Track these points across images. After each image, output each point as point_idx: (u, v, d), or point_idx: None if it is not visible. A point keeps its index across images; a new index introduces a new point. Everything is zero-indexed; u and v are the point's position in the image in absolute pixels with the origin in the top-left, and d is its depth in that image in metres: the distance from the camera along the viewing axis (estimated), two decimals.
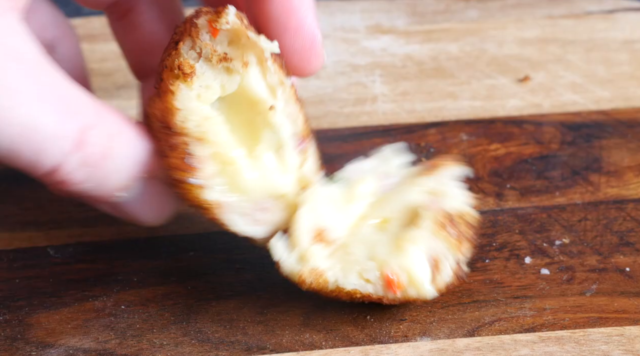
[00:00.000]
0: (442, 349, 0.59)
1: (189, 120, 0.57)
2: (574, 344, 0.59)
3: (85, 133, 0.56)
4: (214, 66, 0.58)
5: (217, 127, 0.58)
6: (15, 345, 0.61)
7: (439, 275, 0.60)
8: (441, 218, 0.61)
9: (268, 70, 0.60)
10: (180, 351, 0.60)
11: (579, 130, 0.78)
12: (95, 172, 0.56)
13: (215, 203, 0.59)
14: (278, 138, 0.60)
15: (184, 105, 0.57)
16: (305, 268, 0.59)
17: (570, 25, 0.93)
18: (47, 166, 0.55)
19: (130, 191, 0.58)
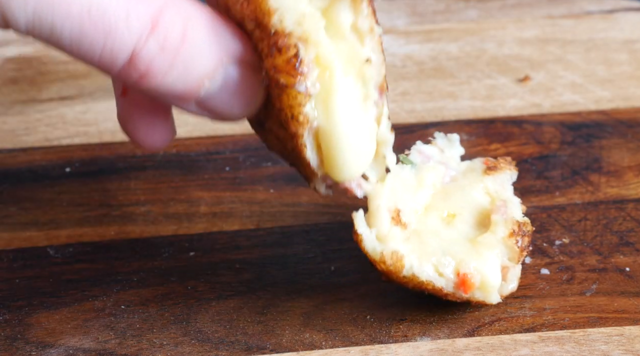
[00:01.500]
0: (442, 349, 0.59)
1: (287, 18, 0.54)
2: (574, 344, 0.59)
3: (160, 14, 0.52)
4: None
5: (318, 24, 0.55)
6: (15, 345, 0.61)
7: (505, 283, 0.61)
8: (512, 226, 0.62)
9: (361, 12, 0.57)
10: (180, 351, 0.60)
11: (579, 130, 0.78)
12: (176, 58, 0.53)
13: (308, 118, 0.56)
14: (366, 91, 0.58)
15: (278, 4, 0.54)
16: (387, 249, 0.59)
17: (570, 25, 0.93)
18: (124, 52, 0.51)
19: (216, 80, 0.55)
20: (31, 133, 0.80)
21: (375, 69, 0.58)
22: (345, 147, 0.57)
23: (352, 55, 0.57)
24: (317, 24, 0.56)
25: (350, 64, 0.57)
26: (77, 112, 0.83)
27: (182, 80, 0.54)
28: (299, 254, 0.66)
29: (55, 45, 0.52)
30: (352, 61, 0.57)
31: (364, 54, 0.57)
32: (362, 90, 0.58)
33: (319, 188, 0.59)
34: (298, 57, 0.54)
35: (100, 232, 0.69)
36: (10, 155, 0.77)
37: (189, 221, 0.70)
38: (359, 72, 0.57)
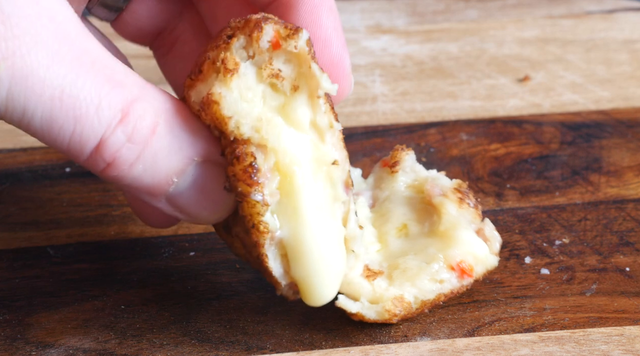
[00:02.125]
0: (442, 349, 0.59)
1: (243, 125, 0.54)
2: (574, 344, 0.59)
3: (131, 105, 0.52)
4: (260, 76, 0.55)
5: (276, 129, 0.55)
6: (15, 344, 0.61)
7: (490, 242, 0.62)
8: (456, 195, 0.62)
9: (318, 109, 0.57)
10: (180, 351, 0.60)
11: (579, 130, 0.78)
12: (144, 151, 0.52)
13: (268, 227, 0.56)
14: (334, 192, 0.57)
15: (231, 110, 0.54)
16: (388, 304, 0.59)
17: (570, 25, 0.93)
18: (92, 140, 0.51)
19: (184, 178, 0.55)
20: None
21: (340, 168, 0.57)
22: (316, 267, 0.57)
23: (316, 156, 0.57)
24: (275, 129, 0.55)
25: (316, 166, 0.57)
26: None
27: (149, 174, 0.53)
28: None
29: (26, 129, 0.52)
30: (318, 163, 0.57)
31: (330, 156, 0.57)
32: (330, 192, 0.57)
33: (287, 295, 0.59)
34: (254, 166, 0.54)
35: (100, 232, 0.69)
36: (10, 155, 0.77)
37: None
38: (326, 174, 0.57)
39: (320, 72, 0.56)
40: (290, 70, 0.56)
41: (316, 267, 0.57)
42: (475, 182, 0.73)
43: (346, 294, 0.60)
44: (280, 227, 0.56)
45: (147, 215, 0.62)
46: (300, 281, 0.58)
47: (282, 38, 0.55)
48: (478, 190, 0.72)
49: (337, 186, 0.58)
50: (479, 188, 0.72)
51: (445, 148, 0.77)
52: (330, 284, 0.58)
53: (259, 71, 0.55)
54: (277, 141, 0.55)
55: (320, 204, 0.57)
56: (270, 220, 0.56)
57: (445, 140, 0.78)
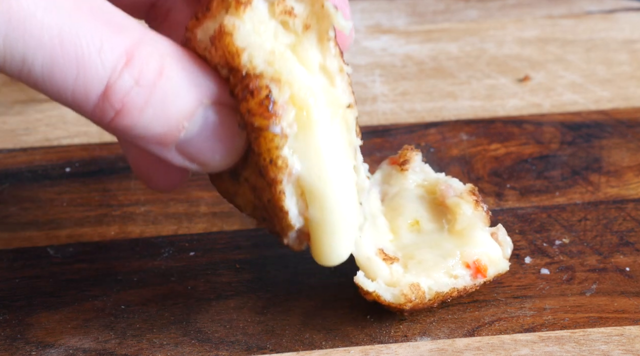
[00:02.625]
0: (442, 349, 0.59)
1: (256, 57, 0.53)
2: (573, 344, 0.59)
3: (136, 48, 0.51)
4: (273, 12, 0.54)
5: (289, 63, 0.54)
6: (15, 344, 0.61)
7: (503, 247, 0.62)
8: (471, 198, 0.63)
9: (328, 51, 0.56)
10: (180, 351, 0.60)
11: (579, 130, 0.78)
12: (153, 94, 0.51)
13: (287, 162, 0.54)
14: (350, 137, 0.56)
15: (245, 42, 0.53)
16: (405, 288, 0.59)
17: (570, 25, 0.93)
18: (97, 85, 0.50)
19: (195, 121, 0.53)
20: (31, 133, 0.80)
21: (354, 111, 0.56)
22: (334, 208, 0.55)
23: (330, 97, 0.56)
24: (288, 63, 0.54)
25: (331, 108, 0.56)
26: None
27: (159, 119, 0.52)
28: (299, 254, 0.66)
29: (27, 79, 0.50)
30: (332, 104, 0.56)
31: (343, 99, 0.56)
32: (346, 136, 0.56)
33: (294, 245, 0.57)
34: (270, 98, 0.53)
35: (100, 232, 0.69)
36: (10, 155, 0.77)
37: (189, 221, 0.70)
38: (342, 117, 0.56)
39: (334, 9, 0.55)
40: (303, 8, 0.55)
41: (334, 207, 0.55)
42: (475, 182, 0.73)
43: (364, 271, 0.59)
44: (298, 163, 0.55)
45: (152, 176, 0.60)
46: (315, 225, 0.56)
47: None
48: (478, 190, 0.72)
49: (351, 130, 0.56)
50: (479, 188, 0.72)
51: (445, 148, 0.77)
52: (344, 236, 0.56)
53: (271, 7, 0.54)
54: (291, 74, 0.54)
55: (338, 144, 0.56)
56: (289, 155, 0.54)
57: (445, 140, 0.78)
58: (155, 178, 0.60)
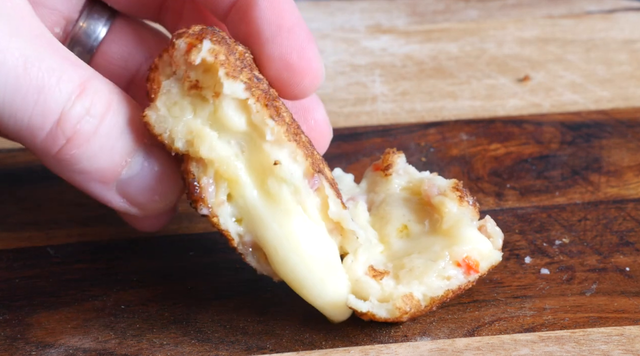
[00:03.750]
0: (442, 349, 0.59)
1: (176, 140, 0.56)
2: (573, 344, 0.59)
3: (88, 82, 0.54)
4: (183, 90, 0.57)
5: (207, 140, 0.56)
6: (15, 344, 0.61)
7: (493, 239, 0.62)
8: (455, 194, 0.62)
9: (250, 110, 0.57)
10: (180, 351, 0.60)
11: (579, 130, 0.78)
12: (101, 125, 0.55)
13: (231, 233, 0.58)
14: (294, 187, 0.58)
15: (161, 128, 0.56)
16: (398, 302, 0.59)
17: (570, 25, 0.93)
18: (54, 111, 0.53)
19: (135, 160, 0.56)
20: None
21: (290, 162, 0.57)
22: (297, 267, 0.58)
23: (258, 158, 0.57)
24: (205, 140, 0.56)
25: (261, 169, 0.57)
26: None
27: (105, 152, 0.55)
28: None
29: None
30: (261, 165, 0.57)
31: (271, 157, 0.57)
32: (287, 189, 0.57)
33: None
34: (193, 183, 0.56)
35: (100, 232, 0.69)
36: (10, 155, 0.77)
37: (189, 221, 0.70)
38: (275, 175, 0.57)
39: (224, 77, 0.56)
40: (209, 79, 0.57)
41: (297, 266, 0.58)
42: (475, 182, 0.73)
43: (354, 293, 0.60)
44: (247, 232, 0.58)
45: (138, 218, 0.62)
46: (289, 282, 0.58)
47: (190, 50, 0.56)
48: (478, 190, 0.72)
49: (293, 182, 0.57)
50: (479, 188, 0.72)
51: (445, 148, 0.77)
52: (322, 281, 0.58)
53: (181, 85, 0.57)
54: (210, 151, 0.56)
55: (281, 201, 0.57)
56: (233, 227, 0.58)
57: (445, 140, 0.78)
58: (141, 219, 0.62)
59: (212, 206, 0.57)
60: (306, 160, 0.58)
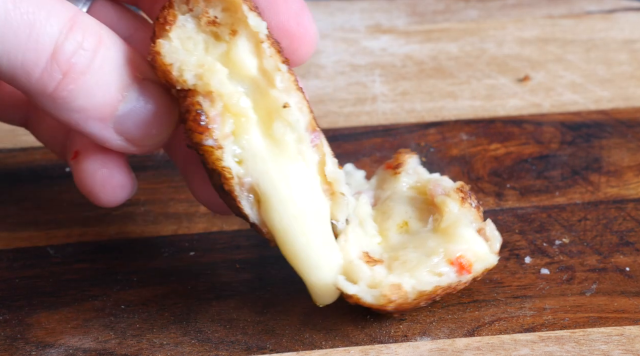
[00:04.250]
0: (442, 349, 0.59)
1: (185, 71, 0.56)
2: (573, 344, 0.59)
3: (77, 17, 0.54)
4: (201, 26, 0.57)
5: (217, 74, 0.56)
6: (15, 344, 0.61)
7: (490, 242, 0.62)
8: (458, 195, 0.63)
9: (264, 53, 0.58)
10: (180, 351, 0.60)
11: (579, 130, 0.78)
12: (95, 59, 0.55)
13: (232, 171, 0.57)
14: (297, 134, 0.58)
15: (172, 58, 0.56)
16: (385, 289, 0.59)
17: (570, 25, 0.93)
18: (47, 45, 0.53)
19: (130, 94, 0.56)
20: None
21: (296, 110, 0.58)
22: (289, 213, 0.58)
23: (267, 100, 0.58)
24: (218, 74, 0.56)
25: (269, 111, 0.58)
26: None
27: (101, 86, 0.55)
28: None
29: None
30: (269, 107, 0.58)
31: (280, 100, 0.57)
32: (292, 136, 0.58)
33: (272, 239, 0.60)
34: (200, 113, 0.56)
35: (100, 232, 0.69)
36: (10, 155, 0.77)
37: (189, 221, 0.70)
38: (283, 118, 0.57)
39: (248, 11, 0.57)
40: (228, 17, 0.57)
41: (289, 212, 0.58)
42: (475, 182, 0.73)
43: (346, 276, 0.60)
44: (247, 174, 0.57)
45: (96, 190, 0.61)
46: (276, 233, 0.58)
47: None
48: (478, 190, 0.72)
49: (298, 129, 0.58)
50: (479, 188, 0.72)
51: (445, 148, 0.77)
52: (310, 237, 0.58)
53: (197, 21, 0.57)
54: (222, 85, 0.56)
55: (284, 146, 0.58)
56: (234, 166, 0.57)
57: (445, 140, 0.78)
58: (98, 191, 0.61)
59: (218, 138, 0.56)
60: (310, 113, 0.59)
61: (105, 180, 0.60)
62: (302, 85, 0.59)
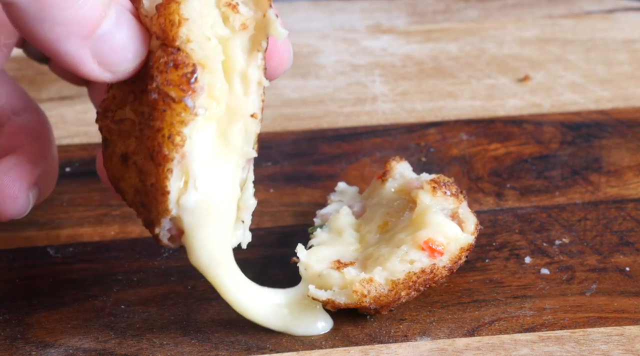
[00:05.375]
0: (442, 349, 0.59)
1: (193, 33, 0.54)
2: (573, 344, 0.59)
3: None
4: (218, 2, 0.56)
5: (217, 54, 0.56)
6: (15, 344, 0.61)
7: (465, 224, 0.62)
8: (429, 185, 0.63)
9: (254, 61, 0.57)
10: (180, 351, 0.60)
11: (579, 130, 0.78)
12: None
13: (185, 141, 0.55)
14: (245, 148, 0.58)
15: (189, 15, 0.54)
16: (356, 286, 0.59)
17: (570, 25, 0.93)
18: None
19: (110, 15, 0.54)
20: None
21: (256, 123, 0.58)
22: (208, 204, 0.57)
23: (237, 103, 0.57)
24: (217, 53, 0.56)
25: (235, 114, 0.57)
26: (77, 112, 0.83)
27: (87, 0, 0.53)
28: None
29: None
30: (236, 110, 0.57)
31: (250, 108, 0.57)
32: (242, 144, 0.58)
33: (163, 235, 0.58)
34: (194, 74, 0.55)
35: (100, 232, 0.69)
36: None
37: None
38: (243, 125, 0.57)
39: (274, 17, 0.56)
40: (246, 10, 0.56)
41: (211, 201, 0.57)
42: (475, 182, 0.73)
43: (318, 287, 0.60)
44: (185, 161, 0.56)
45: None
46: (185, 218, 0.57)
47: None
48: (478, 190, 0.72)
49: (249, 141, 0.58)
50: (479, 188, 0.72)
51: (445, 148, 0.77)
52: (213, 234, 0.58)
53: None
54: (215, 65, 0.56)
55: (230, 149, 0.58)
56: (189, 134, 0.55)
57: (445, 140, 0.78)
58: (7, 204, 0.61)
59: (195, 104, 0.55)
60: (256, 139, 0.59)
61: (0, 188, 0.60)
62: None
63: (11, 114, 0.64)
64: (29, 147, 0.62)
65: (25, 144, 0.62)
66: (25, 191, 0.61)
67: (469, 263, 0.65)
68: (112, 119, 0.58)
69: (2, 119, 0.64)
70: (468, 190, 0.72)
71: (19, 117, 0.64)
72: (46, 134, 0.65)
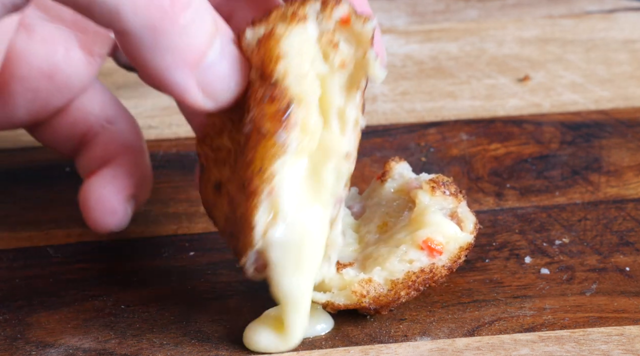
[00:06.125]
0: (442, 349, 0.59)
1: (290, 69, 0.54)
2: (573, 344, 0.59)
3: None
4: (320, 39, 0.56)
5: (315, 90, 0.56)
6: (15, 344, 0.61)
7: (464, 223, 0.62)
8: (428, 185, 0.63)
9: (352, 100, 0.57)
10: (180, 351, 0.60)
11: (579, 129, 0.78)
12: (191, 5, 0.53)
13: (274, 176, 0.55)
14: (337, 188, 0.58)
15: (287, 51, 0.54)
16: (355, 287, 0.59)
17: (570, 25, 0.93)
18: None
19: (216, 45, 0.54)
20: None
21: (349, 164, 0.58)
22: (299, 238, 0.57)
23: (332, 142, 0.57)
24: (314, 89, 0.56)
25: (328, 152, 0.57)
26: None
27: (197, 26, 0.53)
28: None
29: None
30: (332, 149, 0.57)
31: (345, 148, 0.57)
32: (334, 184, 0.58)
33: (249, 267, 0.58)
34: (289, 109, 0.54)
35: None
36: (10, 155, 0.77)
37: (189, 221, 0.70)
38: (336, 165, 0.57)
39: (374, 58, 0.56)
40: (347, 48, 0.56)
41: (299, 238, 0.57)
42: (475, 182, 0.73)
43: (318, 291, 0.60)
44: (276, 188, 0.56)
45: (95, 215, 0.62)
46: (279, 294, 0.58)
47: (354, 16, 0.56)
48: (478, 190, 0.72)
49: (340, 181, 0.58)
50: (479, 188, 0.72)
51: (445, 148, 0.77)
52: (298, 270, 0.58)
53: (320, 34, 0.56)
54: (311, 100, 0.55)
55: (321, 190, 0.57)
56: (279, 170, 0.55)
57: (445, 140, 0.78)
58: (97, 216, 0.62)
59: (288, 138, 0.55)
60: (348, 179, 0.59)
61: (99, 201, 0.61)
62: None
63: (105, 123, 0.65)
64: (124, 157, 0.63)
65: (120, 154, 0.63)
66: (123, 204, 0.62)
67: (468, 263, 0.65)
68: (210, 146, 0.59)
69: (97, 128, 0.65)
70: (468, 190, 0.72)
71: (112, 125, 0.65)
72: (139, 142, 0.65)
